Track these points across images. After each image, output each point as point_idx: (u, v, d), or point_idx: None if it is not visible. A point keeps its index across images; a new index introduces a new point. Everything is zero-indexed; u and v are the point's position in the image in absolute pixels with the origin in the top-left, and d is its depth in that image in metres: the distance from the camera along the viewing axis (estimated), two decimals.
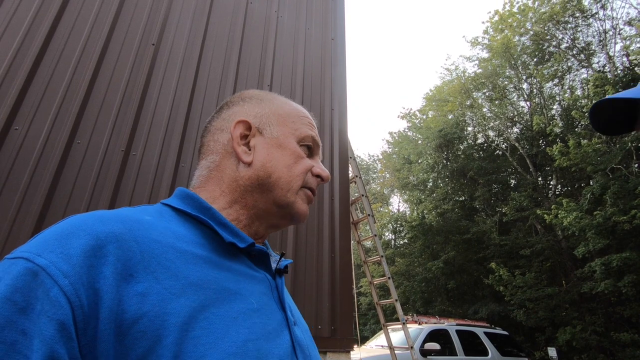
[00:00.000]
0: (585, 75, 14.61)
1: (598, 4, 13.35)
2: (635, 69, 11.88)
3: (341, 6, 3.90)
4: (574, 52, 14.44)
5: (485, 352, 6.60)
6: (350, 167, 4.27)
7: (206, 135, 0.60)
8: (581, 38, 14.34)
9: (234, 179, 0.55)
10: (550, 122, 13.88)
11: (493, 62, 16.14)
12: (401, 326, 4.27)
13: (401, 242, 20.48)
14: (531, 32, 14.95)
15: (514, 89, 16.67)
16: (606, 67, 13.22)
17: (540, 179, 14.92)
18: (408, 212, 21.11)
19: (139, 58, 2.33)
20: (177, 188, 0.55)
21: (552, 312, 11.12)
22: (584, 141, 10.84)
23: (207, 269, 0.44)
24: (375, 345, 6.30)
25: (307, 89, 3.18)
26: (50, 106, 1.93)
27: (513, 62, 15.68)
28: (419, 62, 59.66)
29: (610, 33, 13.35)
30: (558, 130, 13.12)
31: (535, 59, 15.59)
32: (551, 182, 15.23)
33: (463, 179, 16.35)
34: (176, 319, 0.37)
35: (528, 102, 16.40)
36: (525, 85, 16.37)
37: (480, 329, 7.08)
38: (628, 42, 13.06)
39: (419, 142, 18.90)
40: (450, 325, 6.70)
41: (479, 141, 17.97)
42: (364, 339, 10.09)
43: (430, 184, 18.29)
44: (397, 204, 24.66)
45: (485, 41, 16.52)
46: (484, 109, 17.16)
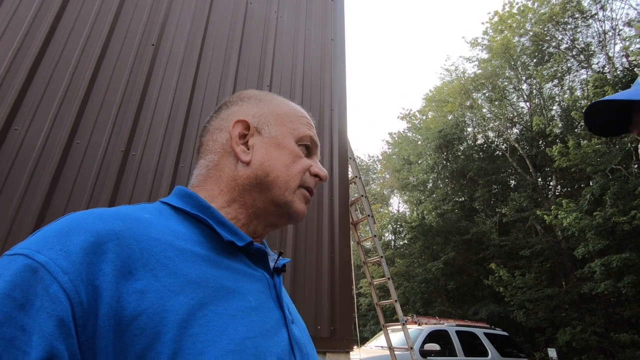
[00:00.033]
0: (584, 76, 14.63)
1: (597, 5, 13.37)
2: (635, 69, 11.89)
3: (341, 7, 3.90)
4: (574, 53, 14.45)
5: (485, 353, 6.59)
6: (350, 168, 4.27)
7: (205, 134, 0.60)
8: (581, 39, 14.36)
9: (232, 178, 0.55)
10: (550, 123, 13.89)
11: (493, 63, 16.15)
12: (401, 327, 4.27)
13: (401, 243, 20.47)
14: (531, 33, 14.96)
15: (514, 89, 16.69)
16: (606, 68, 13.23)
17: (540, 179, 14.93)
18: (408, 213, 21.11)
19: (139, 58, 2.34)
20: (175, 187, 0.55)
21: (552, 312, 11.11)
22: (584, 142, 10.85)
23: (205, 267, 0.44)
24: (375, 346, 6.30)
25: (306, 89, 3.18)
26: (50, 106, 1.93)
27: (513, 63, 15.69)
28: (418, 62, 59.72)
29: (610, 34, 13.37)
30: (558, 131, 13.13)
31: (534, 60, 15.60)
32: (551, 183, 15.24)
33: (463, 179, 16.35)
34: (175, 316, 0.38)
35: (528, 103, 16.41)
36: (524, 86, 16.39)
37: (480, 329, 7.08)
38: (627, 43, 13.08)
39: (419, 142, 18.91)
40: (450, 326, 6.69)
41: (478, 142, 17.97)
42: (364, 340, 10.08)
43: (430, 184, 18.29)
44: (397, 204, 24.68)
45: (485, 42, 16.55)
46: (484, 110, 17.17)
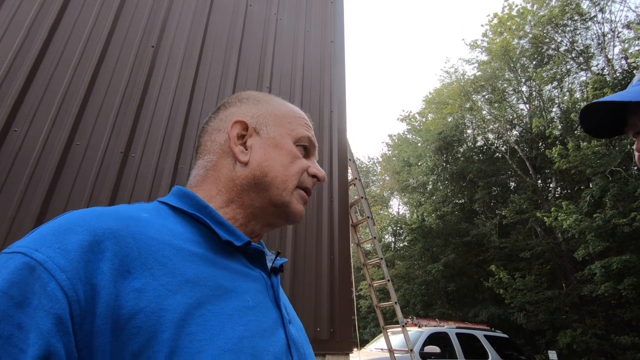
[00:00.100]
0: (584, 78, 14.66)
1: (596, 7, 13.41)
2: (634, 71, 11.91)
3: (340, 9, 3.92)
4: (573, 55, 14.48)
5: (485, 355, 6.57)
6: (349, 169, 4.27)
7: (203, 135, 0.61)
8: (580, 41, 14.39)
9: (230, 178, 0.55)
10: (550, 125, 13.90)
11: (492, 65, 16.18)
12: (401, 329, 4.25)
13: (401, 245, 20.45)
14: (530, 35, 15.00)
15: (513, 91, 16.71)
16: (605, 70, 13.26)
17: (539, 181, 14.93)
18: (408, 215, 21.10)
19: (139, 60, 2.34)
20: (174, 187, 0.55)
21: (553, 315, 11.09)
22: (584, 144, 10.85)
23: (203, 267, 0.44)
24: (375, 349, 6.28)
25: (306, 90, 3.18)
26: (49, 108, 1.94)
27: (512, 65, 15.72)
28: (418, 64, 59.84)
29: (609, 36, 13.40)
30: (557, 133, 13.14)
31: (534, 62, 15.63)
32: (551, 185, 15.23)
33: (463, 181, 16.35)
34: (172, 315, 0.38)
35: (527, 105, 16.43)
36: (524, 88, 16.41)
37: (480, 332, 7.05)
38: (627, 45, 13.11)
39: (419, 144, 18.92)
40: (450, 328, 6.68)
41: (478, 144, 17.98)
42: (364, 342, 10.06)
43: (430, 186, 18.29)
44: (397, 206, 24.66)
45: (485, 44, 16.58)
46: (484, 112, 17.19)
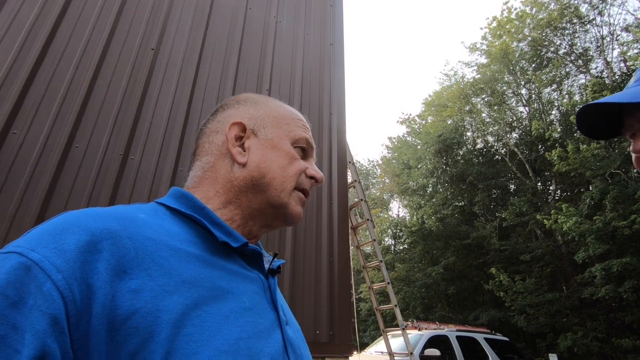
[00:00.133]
0: (583, 81, 14.70)
1: (595, 11, 13.46)
2: (633, 74, 11.93)
3: (340, 12, 3.93)
4: (572, 58, 14.53)
5: (485, 359, 6.54)
6: (349, 172, 4.27)
7: (201, 137, 0.61)
8: (579, 44, 14.44)
9: (228, 180, 0.55)
10: (549, 127, 13.92)
11: (492, 68, 16.23)
12: (401, 332, 4.24)
13: (401, 248, 20.42)
14: (529, 38, 15.05)
15: (513, 94, 16.75)
16: (604, 73, 13.30)
17: (539, 184, 14.94)
18: (408, 217, 21.09)
19: (138, 63, 2.35)
20: (171, 188, 0.55)
21: (553, 318, 11.05)
22: (583, 146, 10.86)
23: (200, 267, 0.44)
24: (375, 352, 6.26)
25: (305, 93, 3.19)
26: (49, 109, 1.94)
27: (511, 68, 15.76)
28: (417, 67, 59.98)
29: (608, 39, 13.45)
30: (557, 136, 13.17)
31: (533, 65, 15.68)
32: (550, 187, 15.24)
33: (462, 184, 16.36)
34: (169, 316, 0.37)
35: (527, 108, 16.47)
36: (523, 91, 16.45)
37: (481, 334, 7.03)
38: (625, 48, 13.16)
39: (418, 147, 18.93)
40: (450, 331, 6.65)
41: (478, 146, 18.00)
42: (364, 345, 10.02)
43: (430, 189, 18.29)
44: (397, 209, 24.65)
45: (484, 47, 16.63)
46: (483, 114, 17.22)
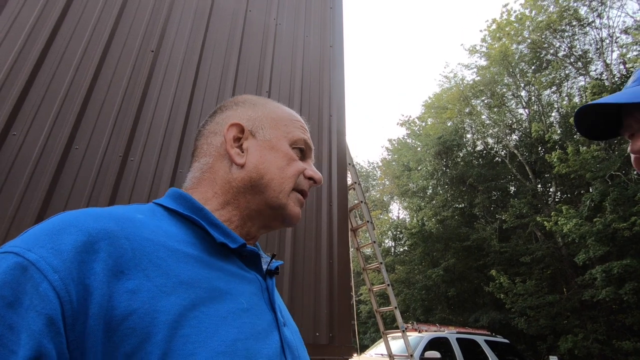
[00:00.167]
0: (582, 83, 14.72)
1: (594, 13, 13.50)
2: (631, 75, 11.94)
3: (339, 14, 3.94)
4: (572, 60, 14.56)
5: None
6: (349, 174, 4.27)
7: (199, 138, 0.61)
8: (578, 46, 14.48)
9: (226, 181, 0.55)
10: (549, 129, 13.94)
11: (491, 70, 16.26)
12: (401, 334, 4.23)
13: (401, 250, 20.41)
14: (529, 40, 15.09)
15: (513, 96, 16.78)
16: (603, 75, 13.32)
17: (539, 185, 14.94)
18: (408, 219, 21.08)
19: (138, 65, 2.35)
20: (169, 188, 0.55)
21: (554, 320, 11.03)
22: (583, 148, 10.87)
23: (198, 268, 0.44)
24: (375, 354, 6.25)
25: (305, 95, 3.19)
26: (49, 111, 1.94)
27: (511, 70, 15.79)
28: (417, 69, 60.10)
29: (607, 41, 13.48)
30: (557, 138, 13.19)
31: (533, 67, 15.71)
32: (550, 189, 15.24)
33: (462, 186, 16.36)
34: (166, 317, 0.37)
35: (526, 110, 16.49)
36: (523, 93, 16.48)
37: (481, 337, 7.02)
38: (625, 50, 13.19)
39: (418, 149, 18.95)
40: (450, 333, 6.64)
41: (478, 148, 18.02)
42: (364, 348, 9.99)
43: (430, 191, 18.29)
44: (397, 211, 24.65)
45: (484, 49, 16.68)
46: (483, 116, 17.24)
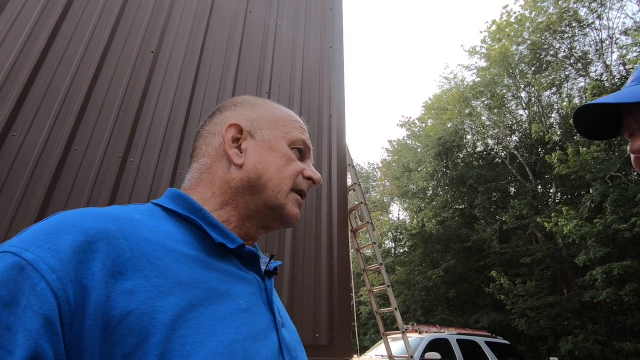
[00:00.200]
0: (582, 84, 14.73)
1: (594, 14, 13.52)
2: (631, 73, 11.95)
3: (339, 15, 3.95)
4: (571, 61, 14.57)
5: None
6: (349, 175, 4.27)
7: (198, 139, 0.61)
8: (578, 47, 14.49)
9: (225, 181, 0.55)
10: (549, 130, 13.95)
11: (491, 71, 16.27)
12: (401, 335, 4.22)
13: (401, 251, 20.41)
14: (528, 42, 15.10)
15: (512, 97, 16.78)
16: (603, 76, 13.33)
17: (539, 186, 14.94)
18: (408, 220, 21.07)
19: (138, 65, 2.36)
20: (168, 189, 0.55)
21: (554, 321, 11.02)
22: (583, 149, 10.87)
23: (196, 269, 0.44)
24: (375, 355, 6.25)
25: (305, 96, 3.20)
26: (49, 111, 1.94)
27: (511, 71, 15.80)
28: (417, 70, 60.16)
29: (607, 42, 13.49)
30: (557, 138, 13.19)
31: (532, 68, 15.72)
32: (551, 190, 15.24)
33: (462, 186, 16.36)
34: (164, 317, 0.37)
35: (526, 111, 16.50)
36: (523, 94, 16.49)
37: (481, 338, 7.01)
38: (624, 51, 13.19)
39: (419, 150, 18.96)
40: (450, 334, 6.64)
41: (478, 149, 18.02)
42: (364, 349, 9.98)
43: (430, 192, 18.29)
44: (397, 212, 24.65)
45: (483, 50, 16.68)
46: (483, 117, 17.25)
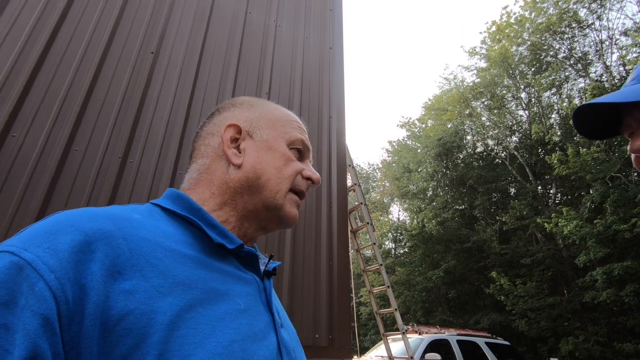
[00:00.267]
0: (582, 85, 14.73)
1: (594, 15, 13.53)
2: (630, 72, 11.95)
3: (339, 16, 3.95)
4: (571, 62, 14.57)
5: None
6: (349, 175, 4.27)
7: (197, 140, 0.61)
8: (578, 48, 14.50)
9: (224, 181, 0.55)
10: (549, 131, 13.95)
11: (491, 72, 16.28)
12: (401, 336, 4.22)
13: (401, 251, 20.40)
14: (528, 42, 15.11)
15: (512, 98, 16.79)
16: (603, 77, 13.33)
17: (540, 187, 14.93)
18: (408, 221, 21.07)
19: (138, 66, 2.36)
20: (167, 189, 0.55)
21: (554, 322, 11.01)
22: (583, 150, 10.87)
23: (195, 269, 0.44)
24: (375, 356, 6.24)
25: (305, 96, 3.20)
26: (48, 112, 1.94)
27: (511, 72, 15.81)
28: (417, 71, 60.20)
29: (607, 43, 13.50)
30: (557, 139, 13.19)
31: (532, 69, 15.72)
32: (551, 191, 15.23)
33: (463, 187, 16.35)
34: (163, 318, 0.37)
35: (526, 111, 16.51)
36: (523, 95, 16.50)
37: (482, 339, 7.00)
38: (624, 52, 13.20)
39: (419, 150, 18.96)
40: (451, 335, 6.63)
41: (478, 150, 18.02)
42: (364, 350, 9.97)
43: (430, 192, 18.29)
44: (397, 212, 24.64)
45: (483, 51, 16.69)
46: (483, 118, 17.25)
